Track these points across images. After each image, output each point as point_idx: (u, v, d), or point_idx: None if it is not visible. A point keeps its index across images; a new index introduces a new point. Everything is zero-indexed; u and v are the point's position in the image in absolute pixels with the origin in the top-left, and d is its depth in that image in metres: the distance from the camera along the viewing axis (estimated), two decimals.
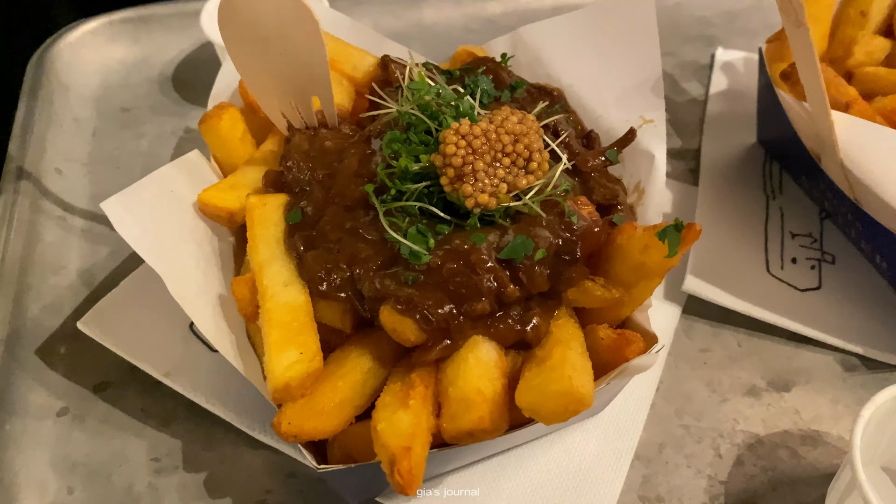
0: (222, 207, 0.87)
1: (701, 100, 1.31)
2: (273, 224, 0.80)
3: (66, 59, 1.34)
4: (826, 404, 0.93)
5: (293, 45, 0.81)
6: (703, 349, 0.98)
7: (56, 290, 1.04)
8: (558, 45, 0.99)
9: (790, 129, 1.06)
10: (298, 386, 0.69)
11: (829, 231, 1.09)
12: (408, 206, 0.77)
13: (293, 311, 0.73)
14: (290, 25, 0.80)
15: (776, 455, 0.89)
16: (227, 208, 0.87)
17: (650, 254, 0.73)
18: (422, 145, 0.80)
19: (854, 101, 0.95)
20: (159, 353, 0.93)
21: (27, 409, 0.92)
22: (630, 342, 0.75)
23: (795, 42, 0.88)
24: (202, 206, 0.88)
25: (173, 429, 0.91)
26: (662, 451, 0.89)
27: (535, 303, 0.76)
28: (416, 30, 1.44)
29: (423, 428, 0.69)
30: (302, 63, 0.83)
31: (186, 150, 1.23)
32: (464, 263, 0.72)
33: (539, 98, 0.92)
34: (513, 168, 0.76)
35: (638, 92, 0.92)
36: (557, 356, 0.69)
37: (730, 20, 1.46)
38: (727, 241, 1.06)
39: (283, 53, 0.82)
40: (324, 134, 0.87)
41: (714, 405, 0.93)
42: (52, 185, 1.16)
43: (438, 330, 0.72)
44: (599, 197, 0.83)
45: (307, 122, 0.89)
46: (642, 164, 0.89)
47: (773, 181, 1.16)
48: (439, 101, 0.81)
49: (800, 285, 1.02)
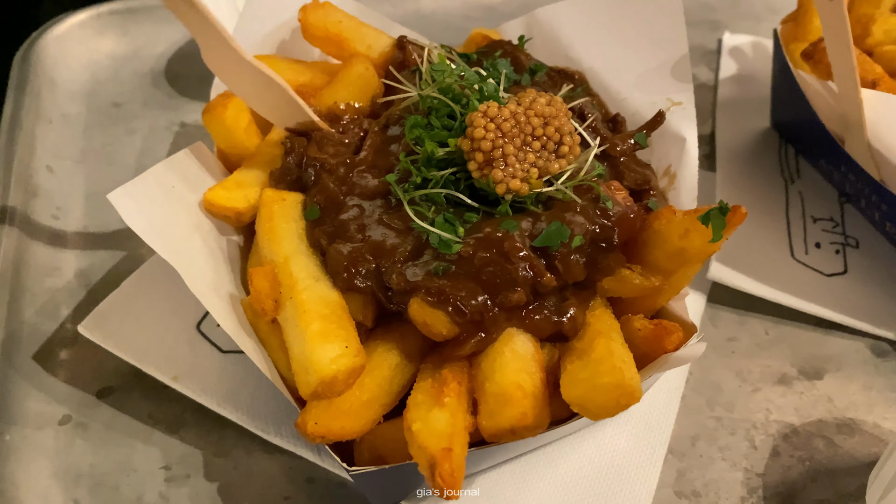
0: (229, 207, 0.83)
1: (710, 85, 1.28)
2: (294, 220, 0.77)
3: (53, 54, 1.28)
4: (859, 391, 0.91)
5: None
6: (730, 338, 0.96)
7: (52, 293, 0.99)
8: (577, 27, 0.96)
9: (808, 111, 1.04)
10: (345, 380, 0.65)
11: (850, 215, 1.07)
12: (433, 193, 0.74)
13: (330, 304, 0.69)
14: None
15: (812, 445, 0.86)
16: (235, 208, 0.83)
17: (691, 239, 0.70)
18: (445, 130, 0.76)
19: (881, 79, 0.92)
20: (166, 355, 0.89)
21: (27, 417, 0.87)
22: (669, 333, 0.72)
23: (827, 16, 0.85)
24: (208, 205, 0.84)
25: (183, 435, 0.87)
26: (696, 444, 0.86)
27: (571, 293, 0.73)
28: (415, 18, 1.40)
29: (460, 427, 0.65)
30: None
31: (181, 145, 1.20)
32: (497, 252, 0.69)
33: (561, 81, 0.89)
34: (543, 152, 0.73)
35: (663, 73, 0.89)
36: (602, 348, 0.66)
37: (733, 5, 1.45)
38: (750, 227, 1.04)
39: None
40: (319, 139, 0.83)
41: (745, 395, 0.90)
42: (43, 183, 1.11)
43: (472, 322, 0.69)
44: (630, 182, 0.79)
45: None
46: (672, 147, 0.86)
47: (789, 166, 1.14)
48: (462, 83, 0.78)
49: (826, 270, 1.00)
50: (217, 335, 0.91)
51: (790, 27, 1.08)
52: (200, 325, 0.92)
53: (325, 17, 0.86)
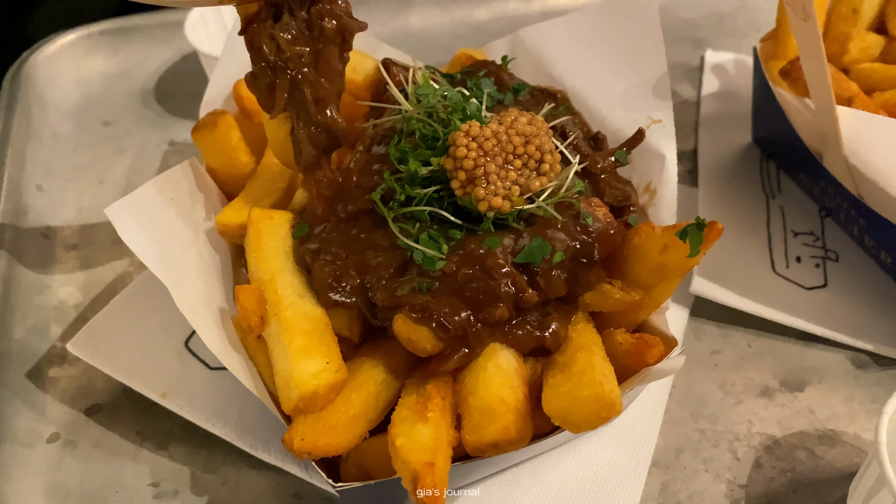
0: (243, 225, 0.83)
1: (693, 102, 1.30)
2: (281, 238, 0.78)
3: (44, 73, 1.30)
4: (840, 403, 0.92)
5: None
6: (713, 351, 0.97)
7: (41, 311, 1.00)
8: (560, 47, 0.98)
9: (788, 128, 1.06)
10: (325, 395, 0.66)
11: (830, 229, 1.08)
12: (417, 211, 0.75)
13: (312, 320, 0.70)
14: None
15: (794, 456, 0.87)
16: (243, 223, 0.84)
17: (670, 254, 0.71)
18: (429, 149, 0.78)
19: (856, 96, 0.94)
20: (154, 372, 0.89)
21: (16, 435, 0.88)
22: (650, 346, 0.73)
23: (801, 35, 0.87)
24: (221, 227, 0.85)
25: (171, 451, 0.87)
26: (680, 457, 0.87)
27: (553, 308, 0.74)
28: (403, 36, 1.42)
29: (444, 441, 0.66)
30: None
31: (172, 163, 1.21)
32: (480, 268, 0.70)
33: (543, 100, 0.90)
34: (525, 170, 0.74)
35: (644, 92, 0.91)
36: (583, 362, 0.67)
37: (717, 22, 1.47)
38: (731, 242, 1.05)
39: None
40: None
41: (728, 407, 0.92)
42: (33, 202, 1.12)
43: (455, 338, 0.70)
44: (611, 198, 0.81)
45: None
46: (652, 164, 0.88)
47: (770, 181, 1.15)
48: (446, 103, 0.79)
49: (806, 283, 1.02)
50: (205, 352, 0.92)
51: (769, 45, 1.10)
52: (189, 342, 0.93)
53: None
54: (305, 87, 0.73)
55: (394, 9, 1.44)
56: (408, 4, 1.45)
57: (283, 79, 0.73)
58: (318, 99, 0.75)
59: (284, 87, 0.73)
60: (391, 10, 1.44)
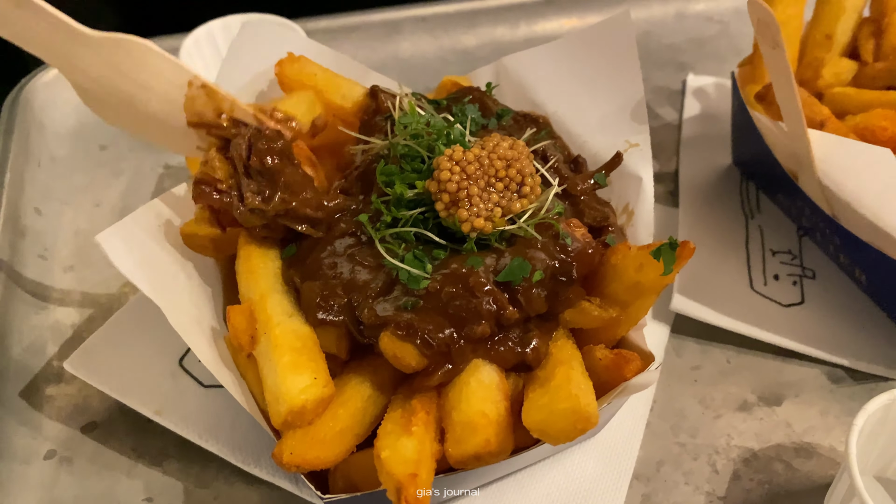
0: (204, 236, 0.86)
1: (675, 124, 1.34)
2: (271, 259, 0.81)
3: (42, 98, 1.33)
4: (816, 416, 0.95)
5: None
6: (693, 367, 1.00)
7: (38, 330, 1.02)
8: (542, 74, 1.01)
9: (765, 150, 1.09)
10: (313, 409, 0.69)
11: (807, 247, 1.11)
12: (403, 232, 0.78)
13: (301, 338, 0.73)
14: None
15: (771, 468, 0.90)
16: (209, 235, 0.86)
17: (645, 272, 0.74)
18: (414, 173, 0.81)
19: (828, 120, 0.98)
20: (149, 390, 0.92)
21: (13, 452, 0.90)
22: (628, 361, 0.76)
23: (772, 63, 0.91)
24: (185, 238, 0.87)
25: (165, 467, 0.89)
26: (660, 470, 0.90)
27: (534, 324, 0.77)
28: (394, 62, 1.46)
29: (427, 454, 0.69)
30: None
31: (166, 185, 1.24)
32: (462, 287, 0.73)
33: (525, 125, 0.93)
34: (506, 192, 0.77)
35: (622, 117, 0.94)
36: (561, 376, 0.70)
37: (699, 46, 1.51)
38: (711, 260, 1.08)
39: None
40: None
41: (708, 421, 0.94)
42: (31, 224, 1.15)
43: (439, 354, 0.72)
44: (590, 219, 0.84)
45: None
46: (630, 186, 0.91)
47: (750, 201, 1.19)
48: (430, 130, 0.82)
49: (783, 301, 1.04)
50: (199, 370, 0.94)
51: (747, 70, 1.14)
52: (183, 361, 0.95)
53: (301, 70, 0.92)
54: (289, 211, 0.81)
55: (384, 35, 1.48)
56: (398, 31, 1.49)
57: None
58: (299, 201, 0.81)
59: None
60: (382, 36, 1.48)
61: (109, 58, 0.79)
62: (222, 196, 0.81)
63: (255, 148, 0.80)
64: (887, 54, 1.07)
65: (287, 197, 0.79)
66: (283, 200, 0.79)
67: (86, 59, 0.79)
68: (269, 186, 0.80)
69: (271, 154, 0.80)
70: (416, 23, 1.50)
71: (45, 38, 0.76)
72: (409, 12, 1.50)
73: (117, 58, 0.80)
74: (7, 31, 0.75)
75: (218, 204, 0.81)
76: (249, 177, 0.80)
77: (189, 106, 0.85)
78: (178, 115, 0.86)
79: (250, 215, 0.80)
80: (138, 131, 0.87)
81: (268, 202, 0.79)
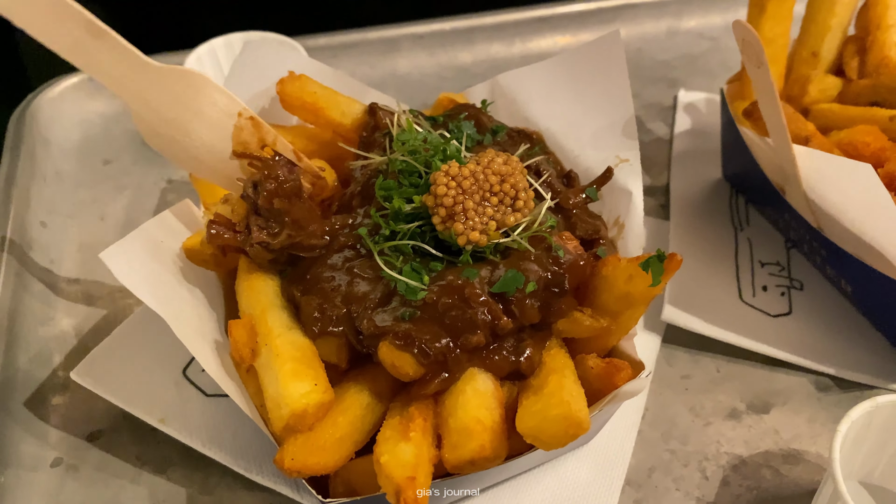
0: (205, 251, 0.89)
1: (667, 139, 1.37)
2: (270, 277, 0.84)
3: (48, 114, 1.36)
4: (804, 424, 0.97)
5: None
6: (684, 375, 1.02)
7: (44, 341, 1.05)
8: (535, 91, 1.04)
9: (753, 164, 1.12)
10: (314, 413, 0.71)
11: (795, 259, 1.14)
12: (401, 245, 0.81)
13: (301, 348, 0.75)
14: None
15: (760, 474, 0.92)
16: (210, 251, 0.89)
17: (635, 283, 0.77)
18: (412, 188, 0.84)
19: (813, 136, 1.01)
20: (153, 399, 0.94)
21: (21, 460, 0.92)
22: (619, 370, 0.78)
23: (757, 81, 0.94)
24: (188, 252, 0.90)
25: (169, 474, 0.92)
26: (652, 476, 0.92)
27: (528, 334, 0.79)
28: (392, 79, 1.49)
29: (425, 458, 0.71)
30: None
31: (169, 199, 1.27)
32: (458, 298, 0.76)
33: (520, 141, 0.96)
34: (500, 206, 0.80)
35: (612, 133, 0.97)
36: (554, 383, 0.72)
37: (689, 63, 1.54)
38: (701, 272, 1.11)
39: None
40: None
41: (698, 429, 0.97)
42: (37, 237, 1.17)
43: (436, 363, 0.75)
44: (582, 232, 0.87)
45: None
46: (620, 200, 0.94)
47: (739, 214, 1.22)
48: (427, 146, 0.85)
49: (772, 311, 1.07)
50: (202, 380, 0.96)
51: (735, 86, 1.17)
52: (186, 371, 0.98)
53: (302, 88, 0.95)
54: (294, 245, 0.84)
55: (382, 52, 1.52)
56: (396, 48, 1.52)
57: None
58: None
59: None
60: (380, 53, 1.51)
61: (171, 87, 0.84)
62: (235, 236, 0.84)
63: (264, 189, 0.83)
64: (871, 72, 1.10)
65: (293, 233, 0.82)
66: (290, 236, 0.82)
67: (150, 88, 0.83)
68: (277, 223, 0.82)
69: (280, 195, 0.82)
70: (413, 40, 1.53)
71: (115, 68, 0.80)
72: (406, 30, 1.53)
73: (178, 87, 0.84)
74: (81, 61, 0.79)
75: (231, 243, 0.85)
76: (258, 213, 0.83)
77: (236, 135, 0.89)
78: (225, 145, 0.90)
79: (260, 250, 0.83)
80: (185, 161, 0.91)
81: (274, 237, 0.82)
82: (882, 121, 1.02)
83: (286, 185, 0.83)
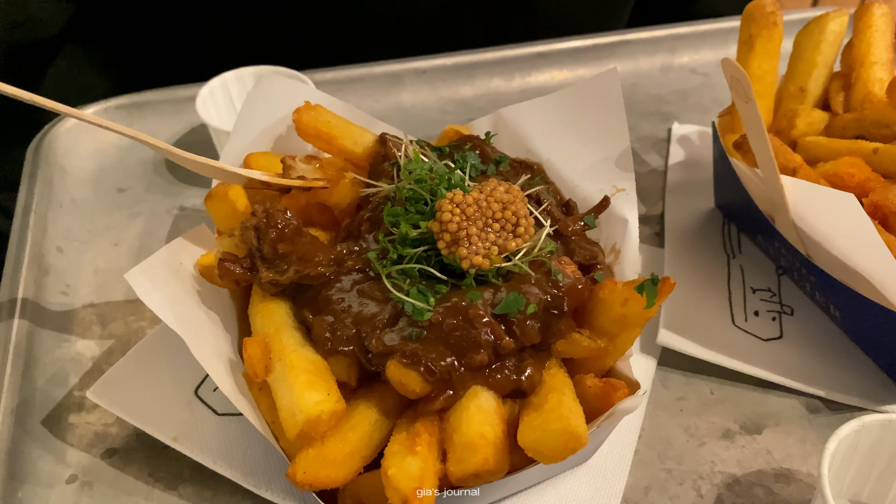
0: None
1: (661, 170, 1.41)
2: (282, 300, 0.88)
3: (64, 144, 1.40)
4: (795, 444, 1.00)
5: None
6: (679, 398, 1.06)
7: (60, 362, 1.08)
8: (536, 124, 1.09)
9: (744, 194, 1.17)
10: (327, 421, 0.75)
11: (786, 285, 1.18)
12: (408, 268, 0.85)
13: (314, 363, 0.79)
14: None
15: (753, 493, 0.95)
16: None
17: (630, 306, 0.81)
18: (418, 214, 0.88)
19: (800, 167, 1.05)
20: (166, 418, 0.97)
21: (38, 476, 0.95)
22: (616, 389, 0.82)
23: (745, 116, 0.99)
24: (202, 270, 0.94)
25: (181, 491, 0.94)
26: (648, 494, 0.95)
27: (528, 354, 0.83)
28: (396, 112, 1.54)
29: (430, 471, 0.75)
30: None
31: (181, 226, 1.31)
32: (463, 319, 0.79)
33: (521, 171, 1.01)
34: (502, 232, 0.85)
35: (610, 164, 1.02)
36: (554, 400, 0.76)
37: (682, 97, 1.59)
38: (694, 297, 1.15)
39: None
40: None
41: (692, 449, 1.00)
42: (54, 262, 1.21)
43: (441, 381, 0.79)
44: (580, 258, 0.91)
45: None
46: (617, 228, 0.98)
47: (731, 242, 1.26)
48: (432, 175, 0.90)
49: (763, 335, 1.11)
50: (213, 399, 1.00)
51: (726, 120, 1.22)
52: (198, 391, 1.01)
53: (317, 117, 1.00)
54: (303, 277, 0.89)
55: (387, 86, 1.57)
56: (399, 82, 1.57)
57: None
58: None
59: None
60: (384, 87, 1.57)
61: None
62: (245, 272, 0.89)
63: (267, 238, 0.87)
64: (856, 106, 1.15)
65: (300, 268, 0.86)
66: (297, 271, 0.86)
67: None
68: (284, 262, 0.87)
69: (283, 240, 0.87)
70: (416, 75, 1.58)
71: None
72: (410, 65, 1.59)
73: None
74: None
75: (242, 278, 0.89)
76: (263, 259, 0.88)
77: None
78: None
79: (269, 285, 0.87)
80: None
81: (282, 274, 0.86)
82: (866, 153, 1.07)
83: (286, 231, 0.87)
